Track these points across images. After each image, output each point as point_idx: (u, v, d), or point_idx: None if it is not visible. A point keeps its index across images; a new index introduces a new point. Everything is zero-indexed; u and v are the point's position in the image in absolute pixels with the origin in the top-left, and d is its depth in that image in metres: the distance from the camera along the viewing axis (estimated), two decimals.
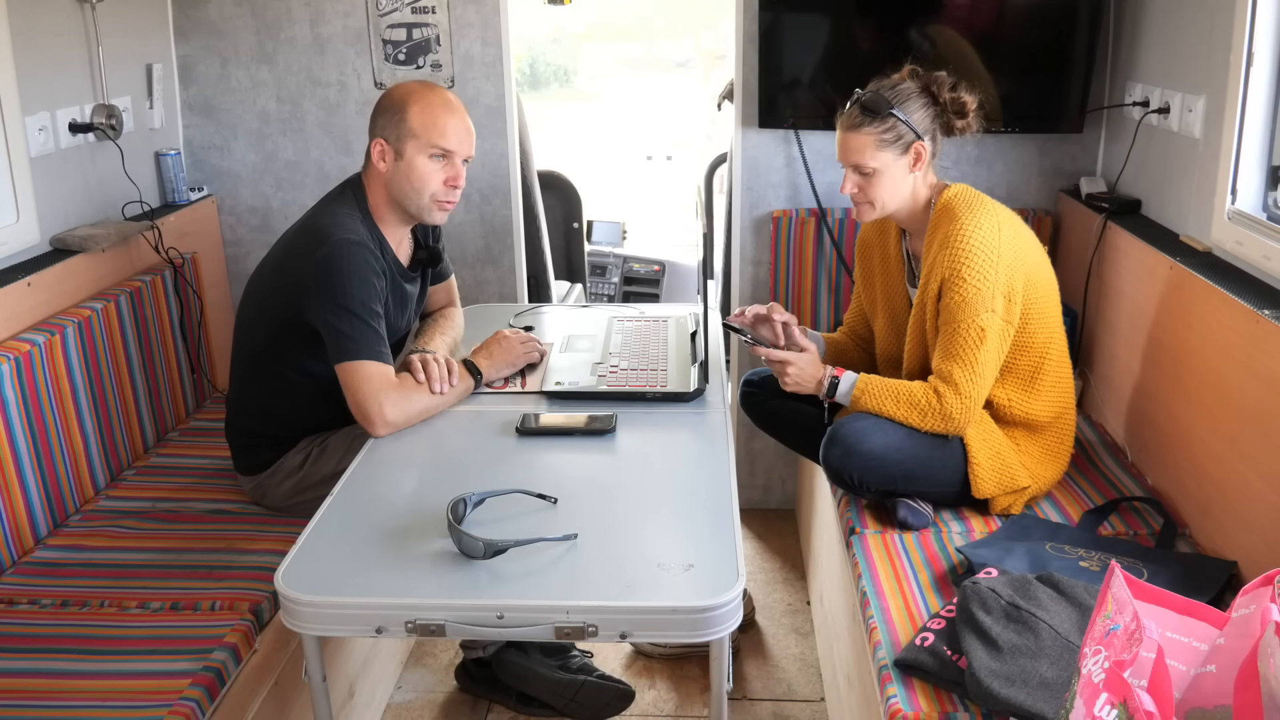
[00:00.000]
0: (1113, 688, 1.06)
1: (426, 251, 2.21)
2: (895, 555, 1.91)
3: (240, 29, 2.87)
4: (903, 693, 1.54)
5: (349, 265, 1.92)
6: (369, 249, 1.96)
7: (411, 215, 2.06)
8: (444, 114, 1.98)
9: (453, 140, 1.98)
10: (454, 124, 1.98)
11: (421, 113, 1.96)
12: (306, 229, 2.03)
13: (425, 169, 1.98)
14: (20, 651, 1.71)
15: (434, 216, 2.05)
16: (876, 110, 1.96)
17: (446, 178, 2.00)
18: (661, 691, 2.39)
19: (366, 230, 2.00)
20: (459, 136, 1.99)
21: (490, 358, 2.12)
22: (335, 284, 1.91)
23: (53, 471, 2.11)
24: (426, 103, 1.98)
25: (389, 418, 1.90)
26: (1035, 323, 2.01)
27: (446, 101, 2.00)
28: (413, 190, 2.00)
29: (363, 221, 2.01)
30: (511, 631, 1.42)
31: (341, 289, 1.91)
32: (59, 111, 2.36)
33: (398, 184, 2.01)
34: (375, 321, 1.93)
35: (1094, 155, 2.80)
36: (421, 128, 1.96)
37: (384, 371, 1.93)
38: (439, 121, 1.97)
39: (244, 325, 2.14)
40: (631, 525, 1.62)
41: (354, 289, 1.91)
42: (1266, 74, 1.92)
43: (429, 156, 1.98)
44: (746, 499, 3.16)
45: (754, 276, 2.99)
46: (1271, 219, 1.91)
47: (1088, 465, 2.25)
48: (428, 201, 2.01)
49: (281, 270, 2.04)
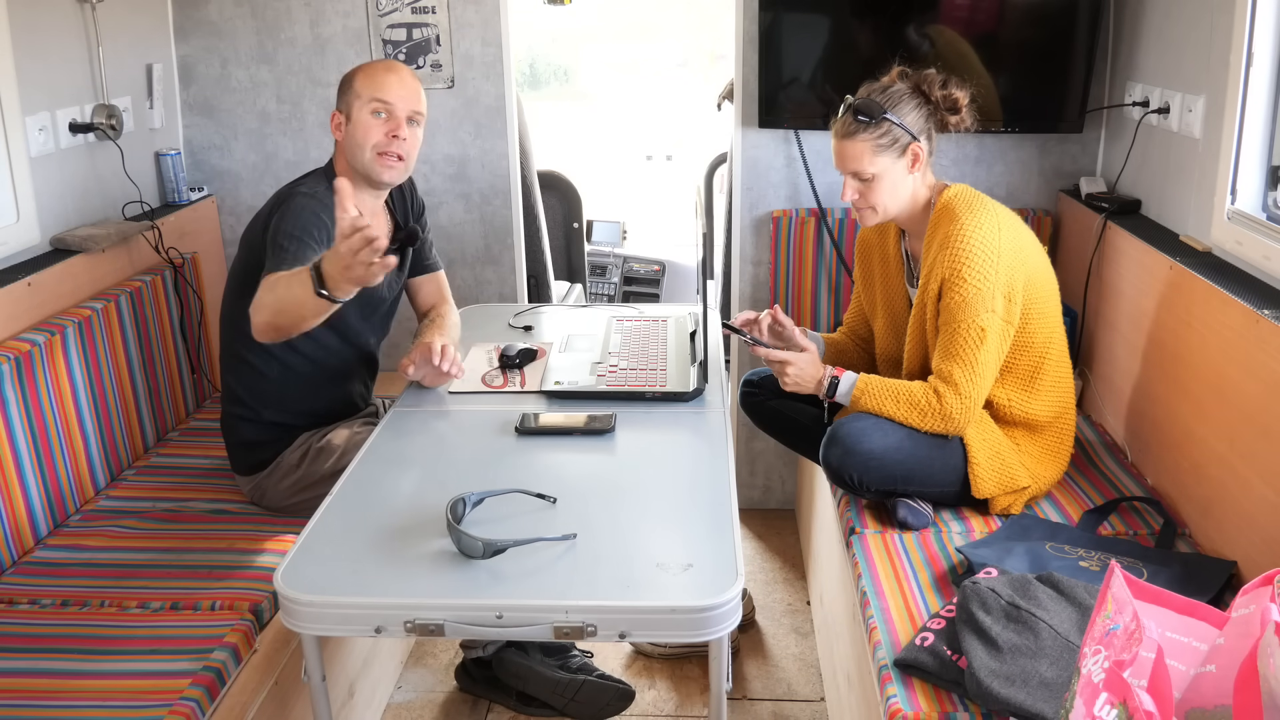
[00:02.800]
0: (1112, 688, 1.06)
1: (405, 231, 2.15)
2: (895, 555, 1.91)
3: (240, 29, 2.87)
4: (903, 693, 1.54)
5: (298, 205, 1.99)
6: (322, 201, 1.99)
7: (362, 176, 2.08)
8: (383, 72, 2.08)
9: (391, 93, 2.05)
10: (392, 80, 2.07)
11: (363, 76, 2.08)
12: (271, 202, 2.11)
13: (366, 124, 2.05)
14: (20, 651, 1.71)
15: (380, 172, 2.07)
16: (870, 115, 1.96)
17: (388, 130, 2.05)
18: (661, 691, 2.39)
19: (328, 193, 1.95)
20: (397, 92, 2.06)
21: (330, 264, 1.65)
22: (284, 220, 1.96)
23: (53, 471, 2.11)
24: (371, 69, 2.10)
25: (254, 321, 1.82)
26: (1035, 323, 2.01)
27: (389, 65, 2.12)
28: (357, 147, 2.06)
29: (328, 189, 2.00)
30: (511, 631, 1.43)
31: (286, 217, 1.96)
32: (59, 111, 2.36)
33: (349, 147, 2.08)
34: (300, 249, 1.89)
35: (1094, 155, 2.80)
36: (363, 86, 2.06)
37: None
38: (377, 78, 2.07)
39: (226, 312, 2.16)
40: (631, 525, 1.62)
41: (294, 218, 1.96)
42: (1266, 74, 1.92)
43: (371, 112, 2.05)
44: (746, 499, 3.16)
45: (754, 276, 2.99)
46: (1271, 219, 1.91)
47: (1088, 465, 2.25)
48: (370, 156, 2.05)
49: (247, 244, 2.11)
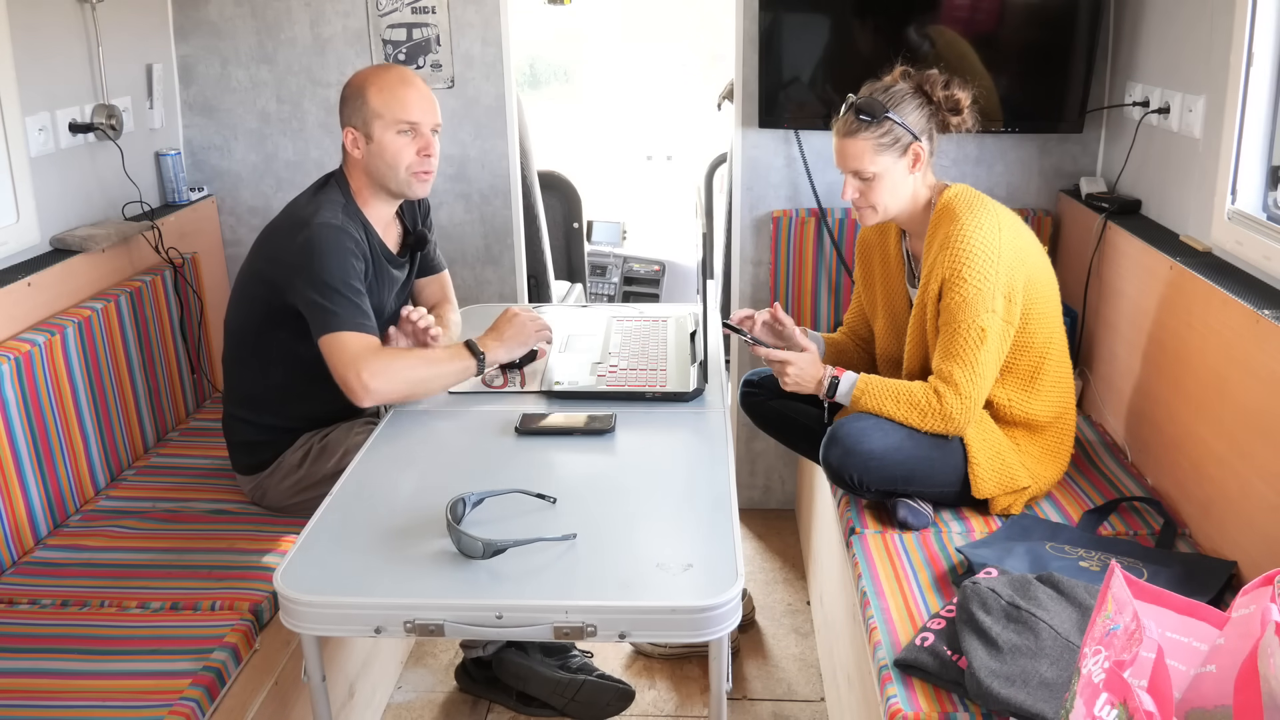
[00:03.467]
0: (1113, 688, 1.06)
1: (415, 235, 2.22)
2: (895, 555, 1.91)
3: (240, 29, 2.87)
4: (903, 693, 1.54)
5: (329, 245, 1.94)
6: (348, 233, 1.98)
7: (394, 193, 2.08)
8: (402, 88, 2.01)
9: (415, 112, 2.00)
10: (413, 96, 2.01)
11: (380, 92, 1.99)
12: (288, 216, 2.06)
13: (396, 145, 2.00)
14: (20, 651, 1.71)
15: (415, 189, 2.06)
16: (872, 114, 1.96)
17: (418, 149, 2.02)
18: (661, 691, 2.39)
19: (348, 217, 2.02)
20: (421, 107, 2.01)
21: (500, 339, 2.07)
22: (315, 263, 1.92)
23: (53, 471, 2.11)
24: (383, 82, 2.01)
25: (370, 384, 1.88)
26: (1035, 323, 2.01)
27: (402, 77, 2.03)
28: (388, 168, 2.02)
29: (345, 209, 2.03)
30: (510, 631, 1.42)
31: (322, 267, 1.92)
32: (59, 111, 2.36)
33: (374, 166, 2.03)
34: (356, 297, 1.94)
35: (1094, 155, 2.79)
36: (384, 106, 1.99)
37: (366, 340, 1.92)
38: (398, 96, 2.00)
39: (232, 317, 2.16)
40: (631, 525, 1.62)
41: (333, 266, 1.93)
42: (1266, 74, 1.92)
43: (397, 132, 2.00)
44: (746, 499, 3.16)
45: (754, 276, 2.99)
46: (1271, 219, 1.91)
47: (1088, 465, 2.25)
48: (405, 175, 2.03)
49: (264, 258, 2.06)
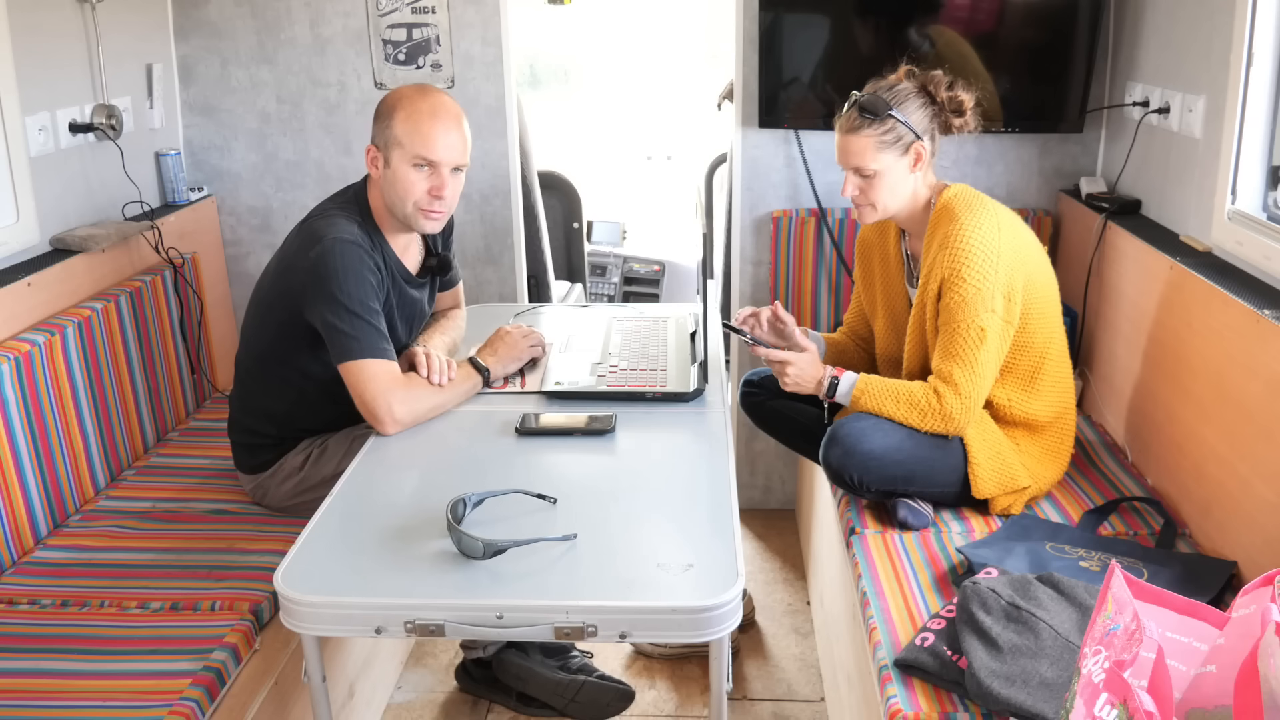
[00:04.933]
0: (1113, 688, 1.06)
1: (437, 259, 2.18)
2: (895, 555, 1.91)
3: (240, 29, 2.87)
4: (903, 693, 1.54)
5: (342, 263, 1.90)
6: (363, 249, 1.94)
7: (401, 222, 2.02)
8: (429, 122, 1.91)
9: (436, 150, 1.91)
10: (438, 133, 1.91)
11: (406, 120, 1.91)
12: (303, 230, 2.02)
13: (408, 178, 1.93)
14: (20, 651, 1.71)
15: (422, 225, 1.99)
16: (875, 112, 1.96)
17: (430, 187, 1.94)
18: (661, 691, 2.39)
19: (364, 233, 1.98)
20: (444, 144, 1.92)
21: (495, 355, 2.12)
22: (331, 283, 1.89)
23: (53, 471, 2.11)
24: (413, 109, 1.91)
25: (398, 416, 1.89)
26: (1035, 323, 2.01)
27: (435, 109, 1.92)
28: (398, 199, 1.95)
29: (361, 225, 1.99)
30: (511, 631, 1.42)
31: (338, 287, 1.89)
32: (59, 111, 2.36)
33: (387, 191, 1.97)
34: (375, 319, 1.92)
35: (1094, 155, 2.79)
36: (405, 136, 1.91)
37: (389, 369, 1.91)
38: (422, 130, 1.90)
39: (249, 326, 2.14)
40: (631, 525, 1.62)
41: (349, 286, 1.89)
42: (1266, 74, 1.92)
43: (412, 166, 1.92)
44: (746, 499, 3.16)
45: (754, 276, 2.99)
46: (1271, 219, 1.91)
47: (1088, 465, 2.25)
48: (411, 210, 1.96)
49: (281, 272, 2.03)
